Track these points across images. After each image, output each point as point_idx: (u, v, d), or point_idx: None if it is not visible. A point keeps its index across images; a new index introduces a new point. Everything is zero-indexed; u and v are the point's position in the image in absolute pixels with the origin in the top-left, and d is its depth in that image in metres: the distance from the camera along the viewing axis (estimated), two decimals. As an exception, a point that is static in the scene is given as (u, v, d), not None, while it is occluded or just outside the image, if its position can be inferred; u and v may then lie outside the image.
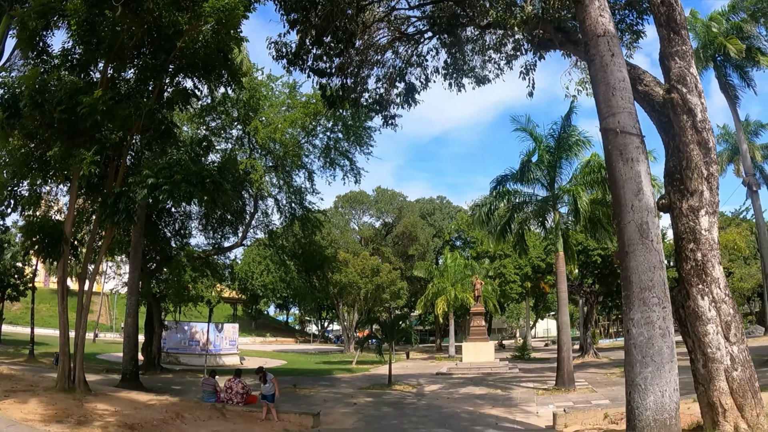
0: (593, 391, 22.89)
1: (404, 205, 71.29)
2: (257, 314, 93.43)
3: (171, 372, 30.86)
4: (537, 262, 45.92)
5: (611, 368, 32.86)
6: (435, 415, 18.30)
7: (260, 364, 42.87)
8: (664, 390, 9.14)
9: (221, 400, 17.80)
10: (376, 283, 53.45)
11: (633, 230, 9.65)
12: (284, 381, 27.88)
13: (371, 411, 19.59)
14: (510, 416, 17.71)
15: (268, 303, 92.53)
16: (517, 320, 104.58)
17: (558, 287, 24.80)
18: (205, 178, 18.60)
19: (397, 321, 29.24)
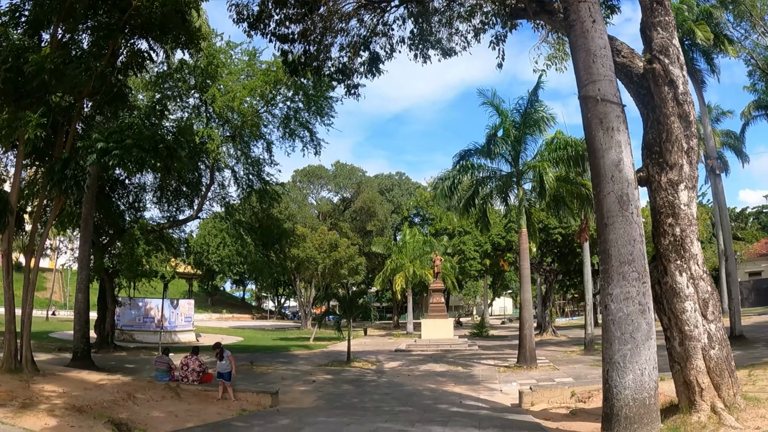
0: (555, 368, 22.80)
1: (363, 181, 70.52)
2: (213, 290, 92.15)
3: (125, 350, 29.80)
4: (497, 240, 45.84)
5: (570, 346, 33.06)
6: (397, 393, 17.88)
7: (217, 340, 42.09)
8: (644, 368, 8.81)
9: (175, 378, 17.00)
10: (334, 258, 52.76)
11: (613, 202, 9.24)
12: (241, 358, 27.23)
13: (331, 389, 19.08)
14: (474, 394, 17.41)
15: (224, 279, 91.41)
16: (474, 298, 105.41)
17: (520, 264, 24.56)
18: (158, 144, 17.66)
19: (356, 297, 28.64)
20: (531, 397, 14.50)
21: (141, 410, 13.11)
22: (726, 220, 29.71)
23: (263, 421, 12.44)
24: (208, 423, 12.26)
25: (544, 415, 12.74)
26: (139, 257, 28.40)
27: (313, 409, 14.90)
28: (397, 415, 13.38)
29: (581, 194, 25.50)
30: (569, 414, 12.59)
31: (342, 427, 11.34)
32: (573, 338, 40.06)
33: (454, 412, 14.01)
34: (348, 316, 27.43)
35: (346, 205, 70.94)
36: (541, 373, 21.73)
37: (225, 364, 15.69)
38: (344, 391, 18.44)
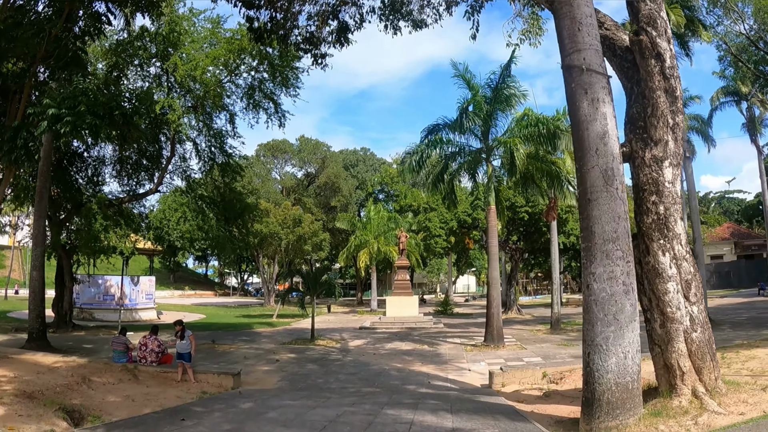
0: (523, 347, 22.58)
1: (328, 156, 69.47)
2: (176, 267, 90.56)
3: (84, 329, 28.72)
4: (463, 217, 45.53)
5: (536, 325, 33.06)
6: (363, 373, 17.41)
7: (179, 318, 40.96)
8: (627, 351, 8.42)
9: (133, 359, 16.21)
10: (297, 233, 51.94)
11: (597, 176, 8.77)
12: (203, 337, 26.55)
13: (295, 368, 18.51)
14: (442, 374, 17.02)
15: (187, 255, 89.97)
16: (438, 276, 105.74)
17: (488, 242, 24.20)
18: (114, 111, 16.71)
19: (319, 273, 27.98)
20: (502, 378, 14.14)
21: (96, 395, 12.36)
22: (695, 203, 29.83)
23: (224, 404, 11.80)
24: (166, 408, 11.57)
25: (517, 397, 12.37)
26: (97, 232, 27.33)
27: (276, 391, 14.31)
28: (364, 396, 12.88)
29: (551, 172, 25.20)
30: (543, 396, 12.24)
31: (307, 411, 10.77)
32: (538, 317, 40.15)
33: (423, 393, 13.56)
34: (312, 293, 26.81)
35: (310, 180, 69.95)
36: (509, 352, 21.49)
37: (185, 344, 14.99)
38: (309, 371, 17.90)
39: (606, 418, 8.32)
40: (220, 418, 10.23)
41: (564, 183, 25.33)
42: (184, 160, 31.77)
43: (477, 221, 44.76)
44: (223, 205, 30.00)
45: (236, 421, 9.90)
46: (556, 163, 25.57)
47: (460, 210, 44.65)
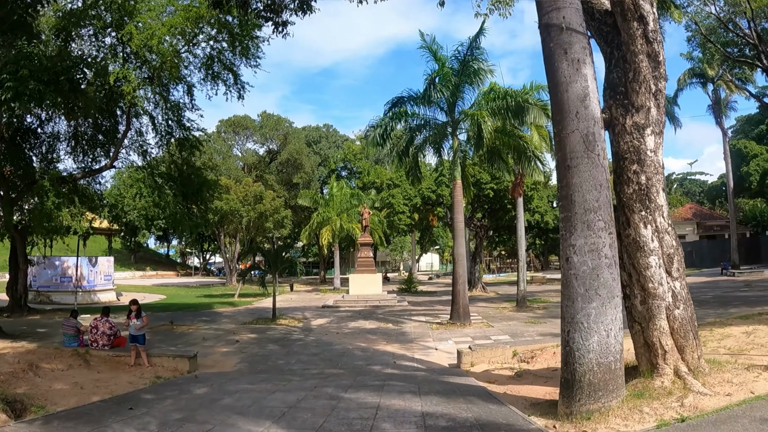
0: (489, 325, 22.16)
1: (290, 132, 68.05)
2: (136, 247, 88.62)
3: (40, 312, 27.42)
4: (427, 194, 44.87)
5: (501, 302, 32.78)
6: (326, 353, 16.72)
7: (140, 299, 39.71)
8: (610, 329, 7.88)
9: (84, 343, 15.24)
10: (258, 210, 50.73)
11: (577, 141, 8.15)
12: (162, 318, 25.66)
13: (255, 349, 17.73)
14: (408, 353, 16.43)
15: (147, 235, 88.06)
16: (401, 254, 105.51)
17: (454, 218, 23.59)
18: (60, 76, 15.56)
19: (281, 251, 27.11)
20: (471, 357, 13.59)
21: (42, 383, 11.45)
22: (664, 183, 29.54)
23: (177, 390, 10.99)
24: (116, 395, 10.72)
25: (487, 377, 11.83)
26: (48, 210, 25.95)
27: (235, 374, 13.53)
28: (326, 379, 12.20)
29: (518, 147, 24.65)
30: (514, 376, 11.71)
31: (265, 396, 10.05)
32: (503, 294, 39.97)
33: (388, 374, 12.94)
34: (273, 271, 25.97)
35: (272, 157, 68.56)
36: (476, 330, 21.03)
37: (139, 325, 14.13)
38: (269, 352, 17.14)
39: (587, 400, 7.79)
40: (171, 406, 9.43)
41: (531, 158, 24.78)
42: (141, 134, 30.43)
43: (441, 198, 44.23)
44: (181, 181, 28.80)
45: (188, 409, 9.12)
46: (524, 138, 25.02)
47: (424, 186, 44.02)
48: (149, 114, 29.37)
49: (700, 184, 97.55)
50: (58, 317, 25.19)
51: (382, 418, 8.21)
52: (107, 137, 29.10)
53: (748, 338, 13.23)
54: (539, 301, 31.78)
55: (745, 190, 59.96)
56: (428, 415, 8.28)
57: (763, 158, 56.27)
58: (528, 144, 24.71)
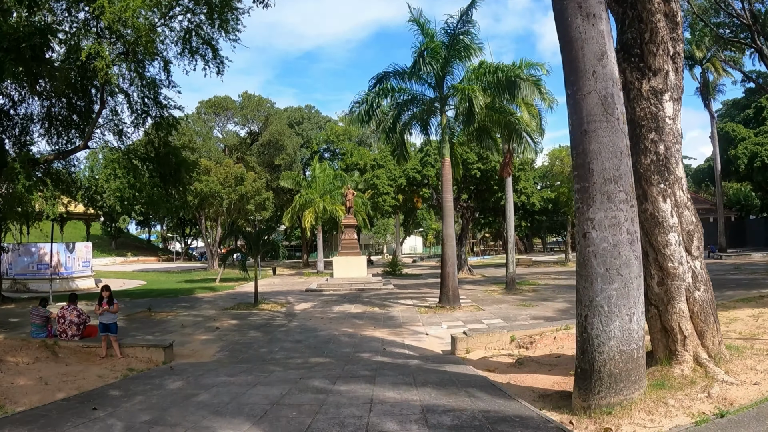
0: (480, 308, 21.38)
1: (271, 113, 66.45)
2: (117, 233, 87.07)
3: (15, 301, 26.22)
4: (413, 174, 43.85)
5: (489, 285, 32.08)
6: (310, 340, 15.80)
7: (119, 285, 39.07)
8: (632, 313, 7.02)
9: (53, 334, 14.18)
10: (239, 192, 49.42)
11: (595, 103, 7.22)
12: (140, 304, 24.76)
13: (236, 337, 16.76)
14: (398, 339, 15.55)
15: (128, 220, 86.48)
16: (384, 236, 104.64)
17: (443, 197, 22.67)
18: (21, 42, 14.38)
19: (262, 233, 25.95)
20: (466, 343, 12.73)
21: (4, 378, 10.44)
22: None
23: (150, 385, 10.03)
24: (83, 392, 9.74)
25: (486, 365, 10.99)
26: (20, 194, 24.67)
27: (213, 364, 12.56)
28: (312, 369, 11.30)
29: (509, 124, 23.75)
30: (515, 364, 10.87)
31: (246, 390, 9.13)
32: (490, 277, 39.32)
33: (379, 362, 12.04)
34: (254, 255, 24.92)
35: (253, 138, 67.05)
36: (466, 313, 20.24)
37: (110, 314, 13.14)
38: (251, 339, 16.17)
39: (607, 393, 6.95)
40: (140, 405, 8.46)
41: (523, 135, 23.87)
42: (116, 113, 29.15)
43: (427, 178, 43.33)
44: (158, 161, 27.61)
45: (159, 408, 8.16)
46: (515, 114, 24.09)
47: (409, 167, 43.11)
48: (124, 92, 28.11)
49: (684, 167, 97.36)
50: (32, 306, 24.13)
51: (378, 415, 7.32)
52: (82, 118, 27.88)
53: (756, 322, 12.63)
54: (528, 284, 31.12)
55: (733, 173, 59.73)
56: (429, 411, 7.40)
57: (751, 141, 55.88)
58: (520, 120, 23.80)
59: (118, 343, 13.14)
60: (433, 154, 41.92)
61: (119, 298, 29.33)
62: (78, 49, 21.63)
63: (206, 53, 26.08)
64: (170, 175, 27.76)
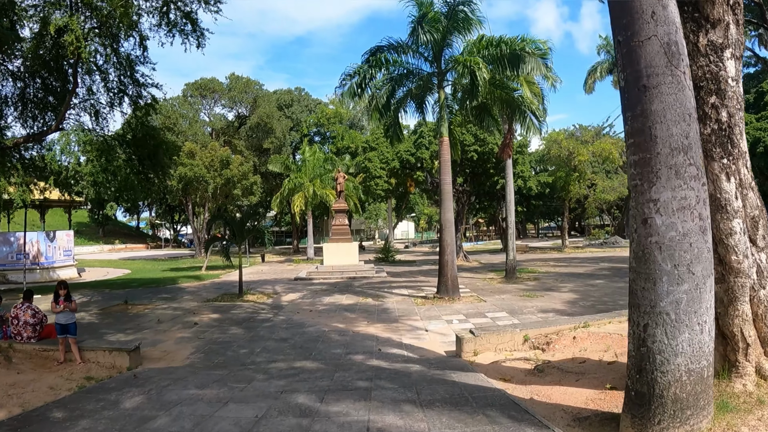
0: (481, 299, 19.85)
1: (260, 95, 64.27)
2: (104, 220, 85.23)
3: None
4: (406, 156, 42.04)
5: (487, 273, 30.62)
6: (297, 338, 14.20)
7: (103, 274, 37.51)
8: (704, 322, 5.45)
9: (8, 335, 12.53)
10: (225, 176, 47.55)
11: (656, 51, 5.60)
12: (118, 296, 23.31)
13: (215, 334, 15.13)
14: (394, 336, 13.97)
15: (115, 207, 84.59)
16: (376, 222, 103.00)
17: (442, 179, 21.04)
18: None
19: (247, 218, 24.18)
20: (473, 345, 11.16)
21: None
22: None
23: (102, 402, 8.40)
24: (26, 411, 8.12)
25: (499, 372, 9.46)
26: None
27: (184, 371, 10.94)
28: (297, 377, 9.73)
29: (511, 101, 22.09)
30: (534, 371, 9.32)
31: (215, 411, 7.54)
32: (486, 264, 37.89)
33: (375, 368, 10.49)
34: (239, 241, 23.25)
35: (241, 121, 65.07)
36: (467, 305, 18.70)
37: (68, 313, 11.52)
38: (231, 338, 14.55)
39: (671, 422, 5.43)
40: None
41: (527, 114, 22.18)
42: (92, 93, 27.31)
43: (421, 161, 41.59)
44: (134, 142, 25.82)
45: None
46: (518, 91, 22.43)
47: (402, 149, 41.40)
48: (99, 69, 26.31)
49: None
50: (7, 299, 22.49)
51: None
52: (57, 98, 26.09)
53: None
54: (527, 272, 29.66)
55: None
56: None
57: (753, 126, 54.53)
58: (524, 99, 22.14)
59: (78, 346, 11.50)
60: (427, 135, 40.28)
61: (99, 288, 27.82)
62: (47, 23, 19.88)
63: (185, 26, 24.29)
64: (148, 158, 26.00)
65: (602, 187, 57.09)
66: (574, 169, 51.46)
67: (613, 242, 55.99)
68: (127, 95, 25.98)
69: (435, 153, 39.67)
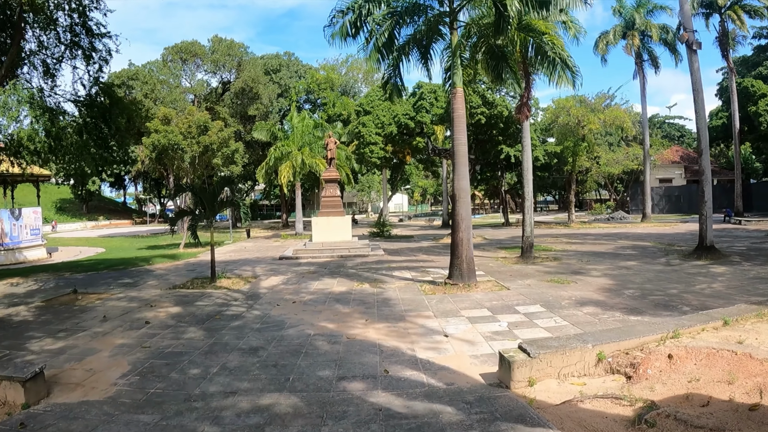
0: (502, 286, 16.28)
1: (245, 59, 59.76)
2: (88, 196, 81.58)
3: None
4: (404, 120, 37.95)
5: (496, 250, 27.22)
6: (272, 348, 10.52)
7: (74, 254, 33.82)
8: None
9: None
10: (203, 144, 43.30)
11: None
12: (75, 282, 20.12)
13: (166, 340, 11.43)
14: (404, 346, 10.29)
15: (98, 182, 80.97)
16: (368, 194, 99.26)
17: (455, 139, 17.14)
18: None
19: (220, 187, 20.15)
20: (528, 370, 7.57)
21: None
22: (702, 107, 23.27)
23: None
24: None
25: (582, 425, 5.93)
26: None
27: (96, 416, 7.25)
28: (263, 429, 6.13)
29: (540, 46, 18.16)
30: (641, 425, 5.78)
31: None
32: (491, 239, 34.43)
33: (383, 411, 6.94)
34: (209, 215, 19.43)
35: (225, 87, 60.85)
36: (488, 295, 15.11)
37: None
38: (185, 346, 10.82)
39: None
40: None
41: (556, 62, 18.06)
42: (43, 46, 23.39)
43: (421, 125, 37.67)
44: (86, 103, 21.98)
45: None
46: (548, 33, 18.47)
47: (400, 112, 37.57)
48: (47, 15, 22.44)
49: (678, 128, 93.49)
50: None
51: None
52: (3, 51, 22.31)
53: None
54: (541, 249, 26.15)
55: (752, 130, 55.72)
56: None
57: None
58: (555, 43, 18.21)
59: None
60: (428, 97, 36.43)
61: (62, 272, 24.14)
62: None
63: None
64: (102, 119, 22.12)
65: (606, 159, 53.84)
66: (583, 139, 48.08)
67: (620, 217, 52.89)
68: (82, 48, 22.32)
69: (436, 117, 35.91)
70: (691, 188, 61.53)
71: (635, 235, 33.71)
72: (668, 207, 60.72)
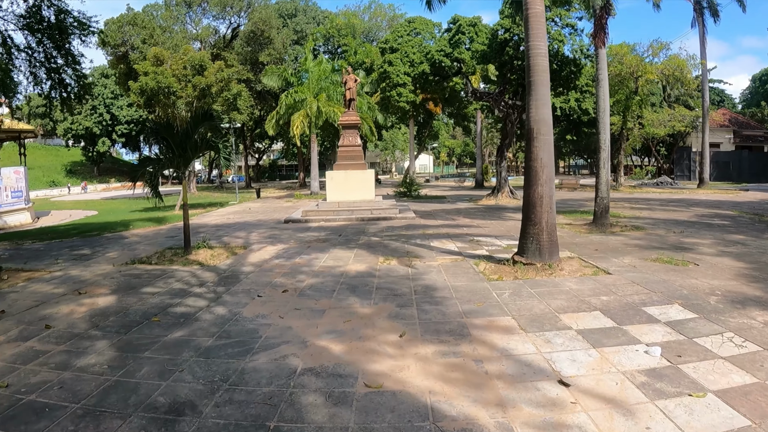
0: (597, 268, 10.83)
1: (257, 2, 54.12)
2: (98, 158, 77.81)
3: None
4: (439, 57, 31.64)
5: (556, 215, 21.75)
6: (209, 412, 5.36)
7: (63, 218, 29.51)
8: None
9: None
10: (200, 86, 37.40)
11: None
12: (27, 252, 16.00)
13: (44, 372, 6.08)
14: (485, 417, 5.00)
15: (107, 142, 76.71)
16: (392, 152, 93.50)
17: (531, 46, 11.45)
18: None
19: (195, 126, 14.52)
20: None
21: None
22: None
23: None
24: None
25: None
26: None
27: None
28: None
29: None
30: None
31: None
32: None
33: None
34: (180, 165, 14.16)
35: (234, 33, 55.22)
36: (585, 282, 9.72)
37: None
38: (60, 391, 5.62)
39: None
40: None
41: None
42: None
43: (460, 63, 31.60)
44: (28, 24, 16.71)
45: None
46: None
47: (434, 49, 31.77)
48: None
49: (718, 92, 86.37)
50: None
51: None
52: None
53: None
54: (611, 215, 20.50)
55: None
56: None
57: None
58: None
59: None
60: (467, 31, 30.59)
61: (29, 238, 19.60)
62: None
63: None
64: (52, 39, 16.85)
65: (650, 120, 47.75)
66: (636, 92, 42.11)
67: (670, 183, 47.37)
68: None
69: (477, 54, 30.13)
70: (741, 154, 55.75)
71: (705, 203, 28.01)
72: (716, 174, 54.90)
